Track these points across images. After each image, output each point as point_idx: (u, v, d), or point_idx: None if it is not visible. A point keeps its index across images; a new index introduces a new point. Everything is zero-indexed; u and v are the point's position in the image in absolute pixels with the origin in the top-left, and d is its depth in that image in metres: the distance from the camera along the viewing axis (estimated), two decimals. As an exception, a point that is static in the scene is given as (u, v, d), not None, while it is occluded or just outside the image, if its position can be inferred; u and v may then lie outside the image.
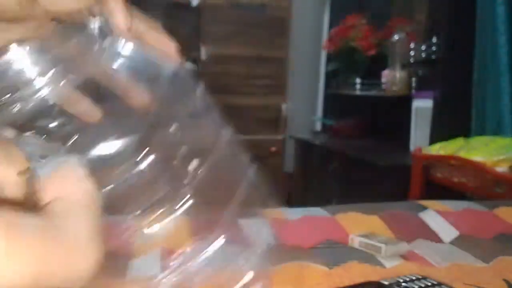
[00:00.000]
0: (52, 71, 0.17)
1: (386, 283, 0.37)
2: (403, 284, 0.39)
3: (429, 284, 0.39)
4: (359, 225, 0.53)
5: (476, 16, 1.28)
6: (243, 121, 1.99)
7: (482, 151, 1.05)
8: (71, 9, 0.19)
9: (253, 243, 0.18)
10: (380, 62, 1.86)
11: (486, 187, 0.99)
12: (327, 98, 2.20)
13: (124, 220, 0.18)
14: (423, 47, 1.50)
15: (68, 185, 0.15)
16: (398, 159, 1.47)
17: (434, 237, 0.53)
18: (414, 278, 0.40)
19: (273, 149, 2.03)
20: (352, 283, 0.37)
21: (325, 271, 0.40)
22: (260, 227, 0.19)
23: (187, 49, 1.98)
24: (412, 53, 1.56)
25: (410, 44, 1.59)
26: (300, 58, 2.31)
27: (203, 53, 1.87)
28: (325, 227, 0.52)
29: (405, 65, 1.62)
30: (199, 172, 0.18)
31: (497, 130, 1.22)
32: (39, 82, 0.17)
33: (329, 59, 2.13)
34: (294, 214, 0.57)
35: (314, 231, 0.50)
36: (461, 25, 1.32)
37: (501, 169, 0.96)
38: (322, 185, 1.82)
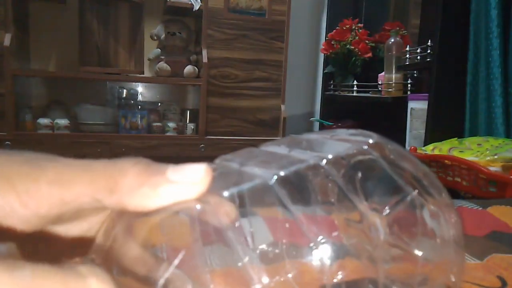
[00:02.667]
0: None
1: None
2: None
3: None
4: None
5: (470, 19, 1.31)
6: (243, 123, 2.01)
7: (475, 151, 1.07)
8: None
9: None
10: (376, 65, 1.89)
11: (480, 186, 1.00)
12: (325, 100, 2.22)
13: None
14: (418, 50, 1.53)
15: None
16: (394, 159, 1.49)
17: (429, 234, 0.54)
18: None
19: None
20: (345, 279, 0.38)
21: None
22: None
23: (189, 53, 1.99)
24: (407, 56, 1.58)
25: (405, 47, 1.61)
26: (298, 61, 2.34)
27: (204, 56, 1.89)
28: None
29: (400, 68, 1.64)
30: None
31: (490, 131, 1.24)
32: None
33: (327, 62, 2.16)
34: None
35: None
36: (455, 28, 1.34)
37: (494, 168, 0.97)
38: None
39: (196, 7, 1.85)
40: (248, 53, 1.97)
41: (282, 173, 0.17)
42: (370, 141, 0.20)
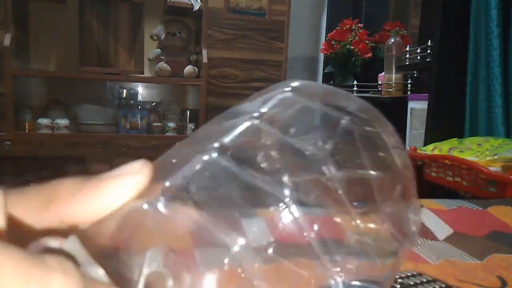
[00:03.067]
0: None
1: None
2: (399, 280, 0.40)
3: (424, 280, 0.40)
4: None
5: (470, 19, 1.31)
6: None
7: (475, 151, 1.07)
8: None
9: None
10: (376, 65, 1.89)
11: (480, 186, 1.00)
12: (325, 99, 2.22)
13: None
14: (418, 50, 1.53)
15: None
16: (394, 159, 1.49)
17: (428, 234, 0.54)
18: (409, 274, 0.41)
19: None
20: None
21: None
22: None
23: (189, 53, 1.99)
24: (407, 56, 1.58)
25: (405, 47, 1.62)
26: (298, 61, 2.34)
27: (204, 56, 1.89)
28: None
29: (400, 68, 1.64)
30: None
31: (490, 131, 1.24)
32: None
33: (327, 62, 2.16)
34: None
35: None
36: (455, 28, 1.34)
37: (494, 168, 0.97)
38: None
39: (196, 7, 1.85)
40: (248, 53, 1.97)
41: (224, 141, 0.17)
42: (293, 84, 0.19)
